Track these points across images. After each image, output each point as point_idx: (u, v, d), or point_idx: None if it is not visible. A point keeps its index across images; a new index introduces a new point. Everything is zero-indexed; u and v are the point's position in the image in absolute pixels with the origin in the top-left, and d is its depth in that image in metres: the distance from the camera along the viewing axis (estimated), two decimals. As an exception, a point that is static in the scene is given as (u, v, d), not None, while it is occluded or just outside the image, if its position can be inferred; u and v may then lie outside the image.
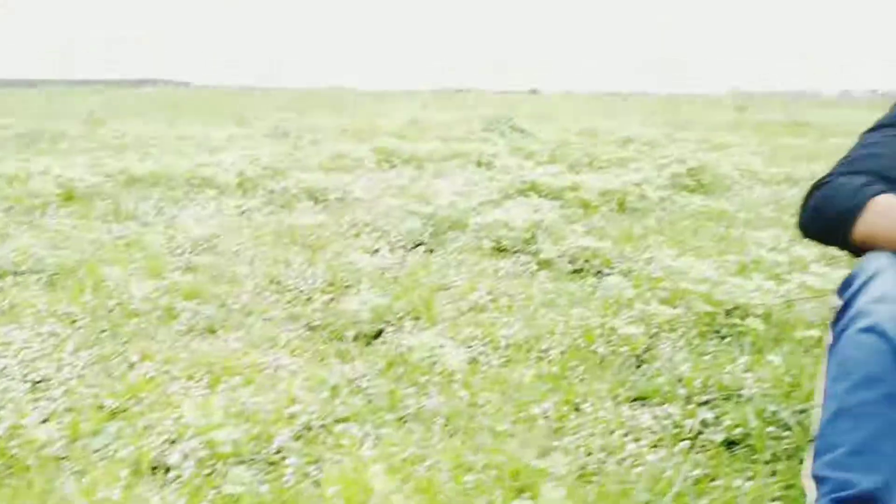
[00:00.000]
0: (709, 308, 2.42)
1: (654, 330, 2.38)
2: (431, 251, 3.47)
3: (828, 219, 1.26)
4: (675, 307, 2.52)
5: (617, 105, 25.21)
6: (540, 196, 4.68)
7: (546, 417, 1.83)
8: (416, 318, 2.53)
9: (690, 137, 9.24)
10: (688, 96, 39.56)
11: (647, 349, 2.25)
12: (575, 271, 3.16)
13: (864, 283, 1.17)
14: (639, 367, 2.14)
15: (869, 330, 1.13)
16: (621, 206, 4.61)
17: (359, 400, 1.93)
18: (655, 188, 4.95)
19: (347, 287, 2.89)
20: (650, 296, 2.68)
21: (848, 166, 1.32)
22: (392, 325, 2.49)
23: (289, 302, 2.75)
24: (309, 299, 2.77)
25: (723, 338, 2.33)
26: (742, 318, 2.36)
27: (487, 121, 9.84)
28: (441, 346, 2.23)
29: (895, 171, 1.30)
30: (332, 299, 2.75)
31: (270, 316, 2.59)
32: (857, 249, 1.25)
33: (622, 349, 2.22)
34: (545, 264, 3.21)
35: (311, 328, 2.50)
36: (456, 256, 3.33)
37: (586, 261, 3.22)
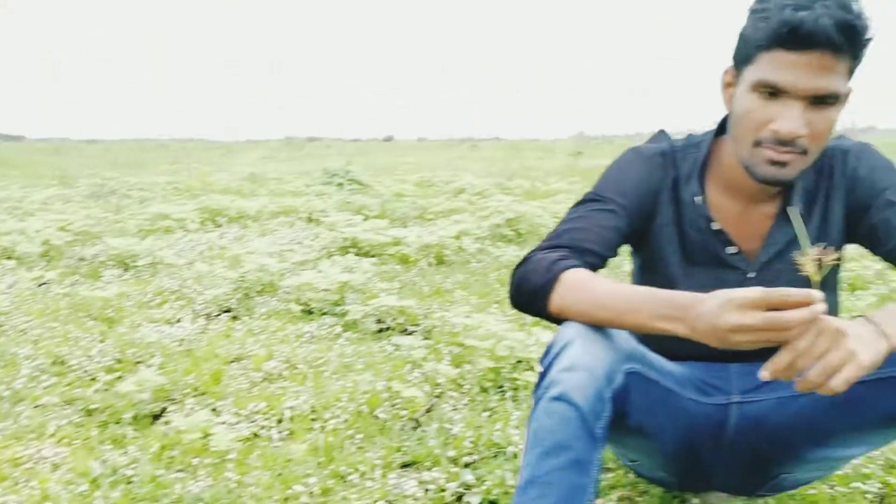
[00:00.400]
0: (492, 364, 2.50)
1: (439, 390, 2.43)
2: (236, 318, 3.40)
3: (526, 294, 1.33)
4: (461, 365, 2.59)
5: (465, 152, 25.97)
6: (359, 253, 4.71)
7: (311, 494, 1.82)
8: (202, 395, 2.46)
9: (523, 185, 9.62)
10: (533, 142, 41.36)
11: (428, 410, 2.29)
12: (380, 331, 3.19)
13: (558, 353, 1.25)
14: (415, 429, 2.17)
15: (559, 398, 1.20)
16: (440, 260, 4.71)
17: (118, 492, 1.84)
18: (474, 239, 5.11)
19: (138, 363, 2.77)
20: (446, 353, 2.74)
21: (548, 242, 1.41)
22: (176, 403, 2.41)
23: (69, 384, 2.60)
24: (93, 379, 2.63)
25: (503, 393, 2.41)
26: (521, 373, 2.46)
27: (327, 173, 9.83)
28: (220, 424, 2.18)
29: (594, 244, 1.40)
30: (118, 378, 2.63)
31: (45, 402, 2.44)
32: (560, 320, 1.34)
33: (403, 413, 2.25)
34: (351, 326, 3.22)
35: (89, 412, 2.37)
36: (260, 322, 3.29)
37: (393, 319, 3.27)
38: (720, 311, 1.08)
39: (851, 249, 1.52)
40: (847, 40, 1.21)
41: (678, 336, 1.17)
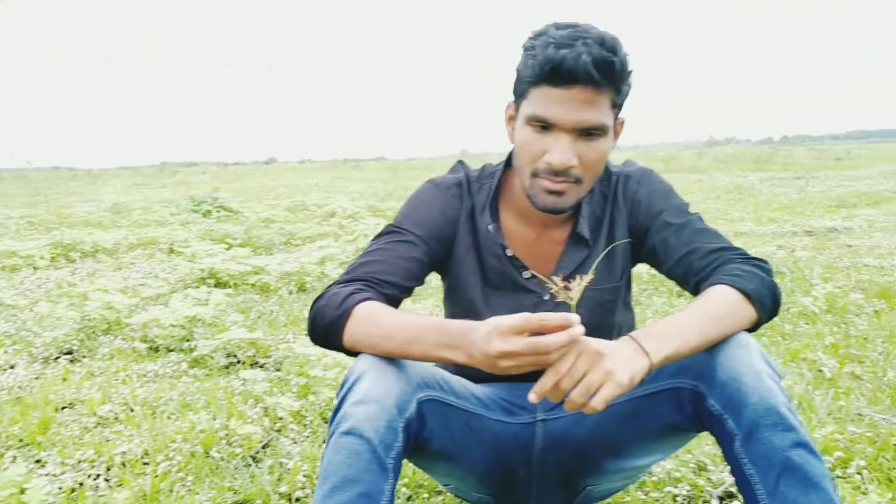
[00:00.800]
0: (332, 394, 2.49)
1: (280, 424, 2.40)
2: (76, 360, 3.25)
3: (321, 329, 1.34)
4: (306, 396, 2.57)
5: (347, 173, 25.85)
6: (218, 284, 4.60)
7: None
8: (26, 445, 2.33)
9: (395, 207, 9.66)
10: (417, 161, 41.64)
11: (265, 446, 2.26)
12: (229, 366, 3.12)
13: (350, 387, 1.26)
14: (249, 467, 2.13)
15: (349, 433, 1.21)
16: (301, 288, 4.67)
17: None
18: (338, 265, 5.09)
19: (-41, 416, 2.60)
20: (293, 384, 2.71)
21: (345, 276, 1.43)
22: (-4, 457, 2.27)
23: None
24: None
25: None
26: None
27: (193, 201, 9.55)
28: (44, 475, 2.07)
29: (393, 276, 1.43)
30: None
31: None
32: (356, 353, 1.35)
33: (238, 450, 2.21)
34: (198, 362, 3.14)
35: None
36: (102, 363, 3.15)
37: (243, 352, 3.20)
38: (488, 338, 1.13)
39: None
40: (606, 76, 1.29)
41: (464, 363, 1.21)
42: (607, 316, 1.56)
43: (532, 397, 1.14)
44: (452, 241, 1.54)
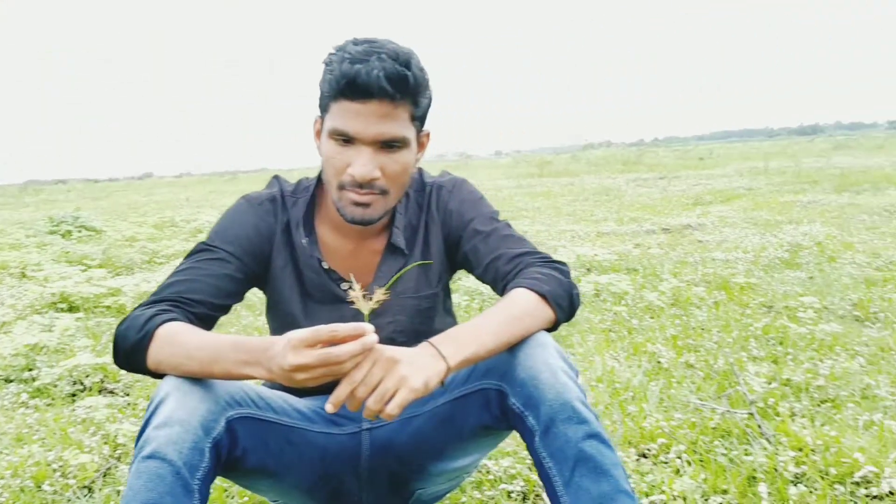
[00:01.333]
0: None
1: (121, 451, 2.32)
2: None
3: (124, 352, 1.31)
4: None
5: (222, 186, 25.21)
6: (71, 308, 4.39)
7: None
8: None
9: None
10: (298, 170, 41.04)
11: (105, 474, 2.18)
12: (76, 393, 2.98)
13: (154, 410, 1.24)
14: (85, 497, 2.05)
15: (151, 457, 1.18)
16: (160, 307, 4.51)
17: None
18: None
19: None
20: (141, 409, 2.62)
21: (152, 297, 1.40)
22: None
23: None
24: None
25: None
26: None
27: (52, 221, 9.06)
28: None
29: (203, 295, 1.41)
30: None
31: None
32: (162, 376, 1.32)
33: (72, 482, 2.12)
34: (41, 391, 2.98)
35: None
36: (-70, 400, 2.94)
37: (90, 379, 3.07)
38: (283, 352, 1.13)
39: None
40: (400, 90, 1.33)
41: (265, 379, 1.21)
42: (427, 323, 1.60)
43: (329, 407, 1.15)
44: (269, 257, 1.54)
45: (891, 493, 1.77)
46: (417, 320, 1.58)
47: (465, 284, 4.48)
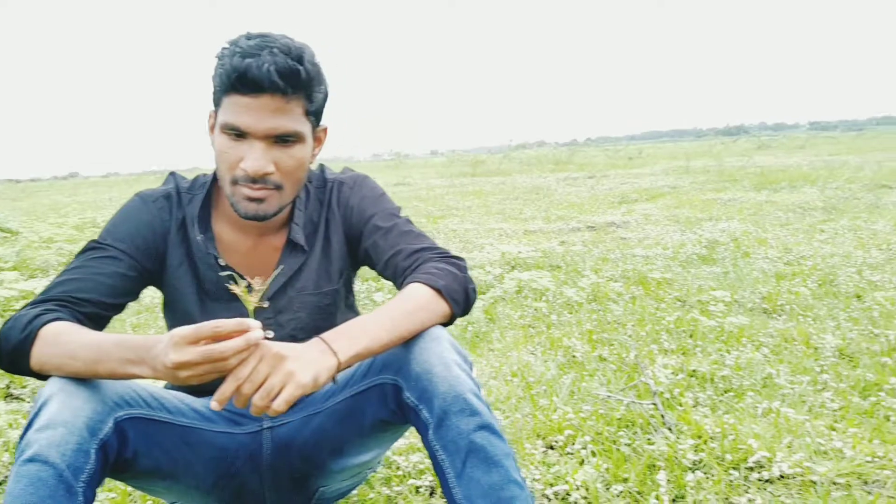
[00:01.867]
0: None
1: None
2: None
3: (7, 354, 1.28)
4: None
5: (153, 185, 24.51)
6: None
7: None
8: None
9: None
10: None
11: (1, 483, 2.10)
12: (-23, 400, 2.87)
13: (36, 413, 1.20)
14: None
15: (32, 460, 1.15)
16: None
17: None
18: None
19: None
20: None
21: (38, 296, 1.37)
22: None
23: None
24: None
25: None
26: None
27: (-35, 223, 8.68)
28: None
29: (92, 293, 1.38)
30: None
31: None
32: (47, 377, 1.29)
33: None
34: (-61, 399, 2.86)
35: None
36: None
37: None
38: (166, 349, 1.12)
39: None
40: (291, 84, 1.33)
41: (151, 378, 1.19)
42: (328, 319, 1.60)
43: (213, 405, 1.14)
44: (164, 255, 1.51)
45: (781, 476, 1.85)
46: (318, 317, 1.58)
47: (387, 283, 4.48)
